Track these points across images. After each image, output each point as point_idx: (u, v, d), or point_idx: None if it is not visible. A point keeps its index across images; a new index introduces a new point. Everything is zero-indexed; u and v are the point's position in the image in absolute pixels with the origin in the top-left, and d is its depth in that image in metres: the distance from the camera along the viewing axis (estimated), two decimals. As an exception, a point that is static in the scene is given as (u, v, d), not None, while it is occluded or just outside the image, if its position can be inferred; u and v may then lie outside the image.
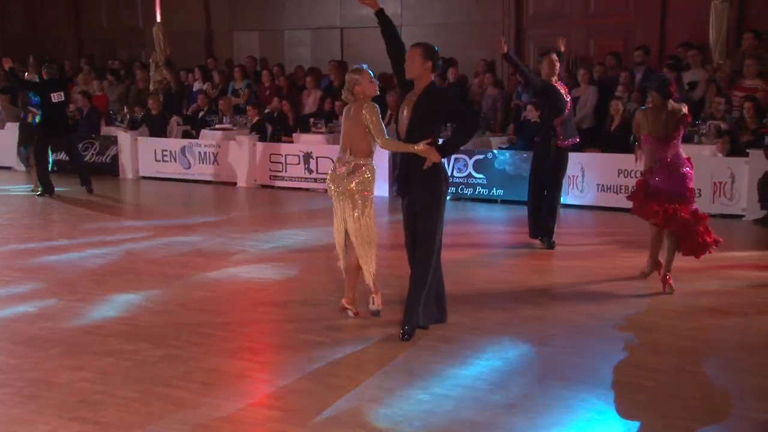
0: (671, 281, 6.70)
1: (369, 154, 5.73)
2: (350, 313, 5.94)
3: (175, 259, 8.00)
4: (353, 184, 5.68)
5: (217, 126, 14.00)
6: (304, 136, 12.99)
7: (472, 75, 13.95)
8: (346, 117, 5.73)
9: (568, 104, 8.21)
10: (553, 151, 8.17)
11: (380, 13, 5.86)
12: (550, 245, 8.31)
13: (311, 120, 13.06)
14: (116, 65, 17.57)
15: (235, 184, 13.26)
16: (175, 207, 11.55)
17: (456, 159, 11.45)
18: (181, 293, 6.70)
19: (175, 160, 13.84)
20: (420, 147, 5.38)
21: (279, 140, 13.36)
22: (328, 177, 5.86)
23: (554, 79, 8.13)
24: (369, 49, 15.85)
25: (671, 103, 6.56)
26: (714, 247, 6.65)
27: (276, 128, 13.62)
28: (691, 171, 6.64)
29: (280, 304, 6.40)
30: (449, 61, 14.26)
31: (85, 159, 13.92)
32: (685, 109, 6.59)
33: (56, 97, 11.99)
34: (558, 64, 8.17)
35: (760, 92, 10.65)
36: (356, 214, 5.71)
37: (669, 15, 12.88)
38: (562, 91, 8.19)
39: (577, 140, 8.42)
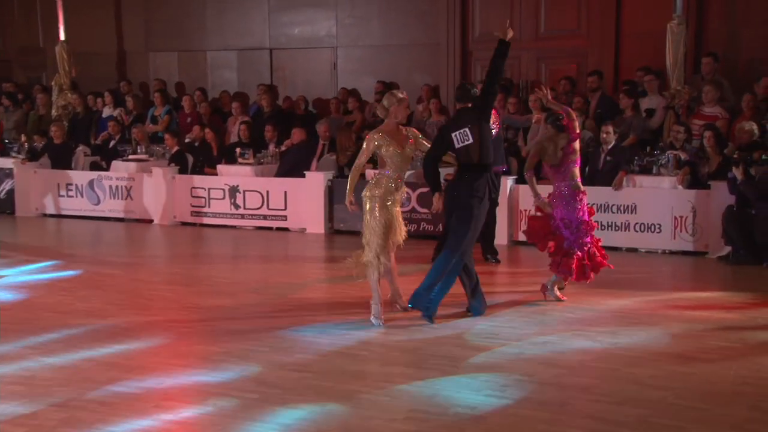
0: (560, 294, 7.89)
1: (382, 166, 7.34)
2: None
3: (80, 307, 7.80)
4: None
5: (130, 156, 13.82)
6: (230, 168, 12.91)
7: (415, 100, 14.13)
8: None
9: (495, 130, 9.26)
10: None
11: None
12: (497, 260, 9.90)
13: (238, 150, 13.00)
14: (12, 88, 17.19)
15: (152, 221, 13.09)
16: (81, 247, 11.31)
17: (397, 192, 11.49)
18: (86, 345, 6.53)
19: (83, 195, 13.58)
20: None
21: (201, 172, 13.28)
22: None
23: None
24: (301, 71, 15.96)
25: (563, 135, 7.74)
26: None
27: (198, 159, 13.51)
28: (582, 203, 7.76)
29: (202, 356, 6.29)
30: (389, 85, 14.41)
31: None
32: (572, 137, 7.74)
33: None
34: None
35: (721, 120, 11.00)
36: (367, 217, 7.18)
37: (624, 38, 13.29)
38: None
39: (504, 168, 9.80)
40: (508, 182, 11.01)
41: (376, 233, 7.11)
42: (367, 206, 7.16)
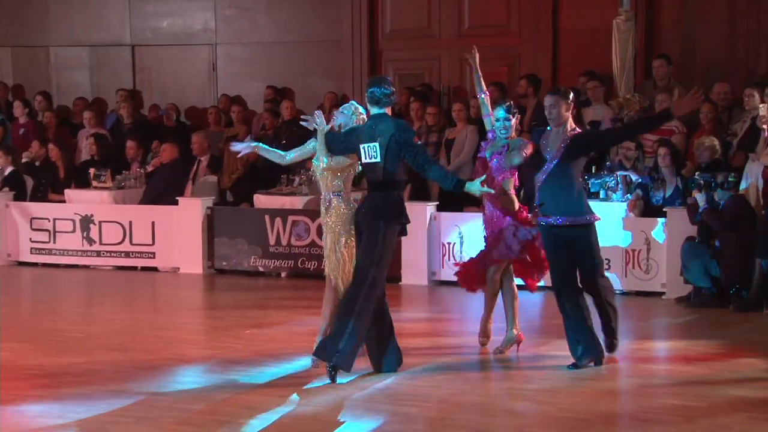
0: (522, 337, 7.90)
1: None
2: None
3: None
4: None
5: (-52, 179, 13.47)
6: (82, 193, 12.72)
7: (314, 109, 14.14)
8: None
9: None
10: None
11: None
12: None
13: (91, 171, 12.79)
14: None
15: (-22, 261, 12.76)
16: None
17: (294, 223, 11.50)
18: None
19: None
20: None
21: (45, 199, 13.04)
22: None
23: None
24: (171, 74, 15.82)
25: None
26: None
27: (40, 182, 13.25)
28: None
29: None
30: (282, 91, 14.41)
31: None
32: None
33: None
34: None
35: (678, 135, 11.33)
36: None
37: (562, 36, 13.59)
38: None
39: None
40: (427, 209, 11.14)
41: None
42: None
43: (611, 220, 10.64)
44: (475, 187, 7.05)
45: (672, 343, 8.60)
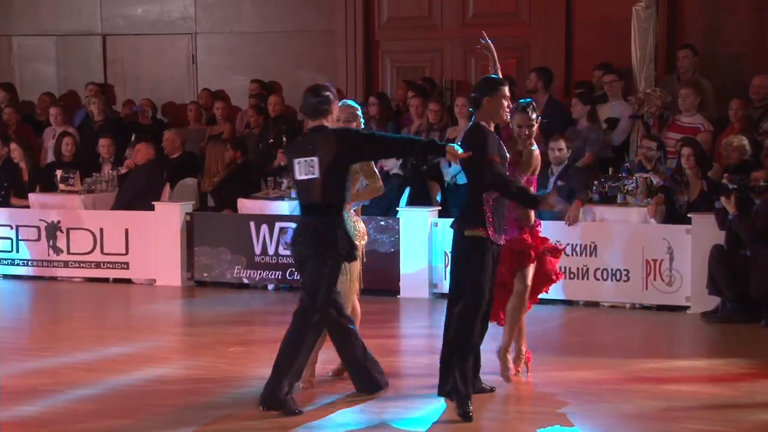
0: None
1: None
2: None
3: None
4: None
5: None
6: (48, 198, 12.75)
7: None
8: None
9: None
10: None
11: None
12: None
13: (59, 173, 12.79)
14: None
15: (-66, 272, 12.77)
16: None
17: (282, 230, 11.49)
18: None
19: None
20: None
21: (6, 204, 13.07)
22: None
23: None
24: (147, 66, 15.82)
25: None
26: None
27: (1, 185, 13.25)
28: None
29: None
30: (269, 86, 14.40)
31: None
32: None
33: None
34: None
35: (703, 133, 11.35)
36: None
37: (576, 25, 13.59)
38: None
39: None
40: (428, 215, 11.14)
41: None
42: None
43: (630, 227, 10.68)
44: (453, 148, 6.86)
45: (697, 361, 8.60)
